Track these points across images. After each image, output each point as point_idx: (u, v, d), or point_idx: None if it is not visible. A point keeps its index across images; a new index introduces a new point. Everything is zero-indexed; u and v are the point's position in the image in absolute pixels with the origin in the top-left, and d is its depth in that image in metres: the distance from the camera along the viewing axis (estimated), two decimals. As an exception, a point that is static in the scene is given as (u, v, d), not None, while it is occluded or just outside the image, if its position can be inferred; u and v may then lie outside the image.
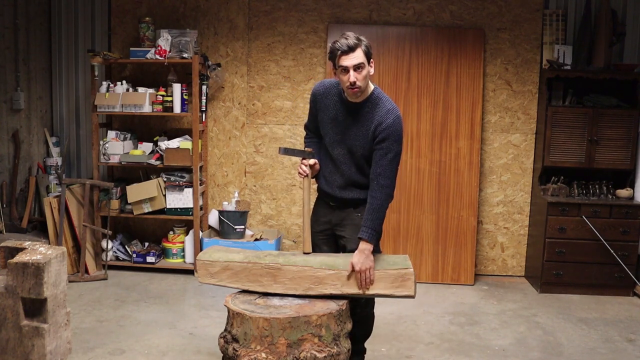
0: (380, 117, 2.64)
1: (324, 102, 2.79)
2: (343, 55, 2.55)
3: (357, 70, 2.57)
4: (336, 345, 2.49)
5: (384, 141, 2.62)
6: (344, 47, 2.54)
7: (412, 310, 4.11)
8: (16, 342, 1.66)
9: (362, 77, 2.58)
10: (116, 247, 4.90)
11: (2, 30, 4.67)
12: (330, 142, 2.81)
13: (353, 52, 2.54)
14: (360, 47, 2.56)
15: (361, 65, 2.56)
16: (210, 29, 5.02)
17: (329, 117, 2.78)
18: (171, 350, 3.36)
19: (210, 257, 2.76)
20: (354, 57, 2.55)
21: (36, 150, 5.14)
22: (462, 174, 4.76)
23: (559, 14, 4.78)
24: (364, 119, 2.68)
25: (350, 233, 2.83)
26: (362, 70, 2.57)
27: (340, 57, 2.56)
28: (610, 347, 3.62)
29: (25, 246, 1.77)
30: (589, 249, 4.52)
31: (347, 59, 2.55)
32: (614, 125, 4.56)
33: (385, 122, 2.62)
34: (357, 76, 2.57)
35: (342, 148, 2.77)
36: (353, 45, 2.54)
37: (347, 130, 2.73)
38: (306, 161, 2.80)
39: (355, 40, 2.55)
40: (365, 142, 2.68)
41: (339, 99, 2.75)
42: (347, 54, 2.55)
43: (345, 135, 2.74)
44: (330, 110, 2.77)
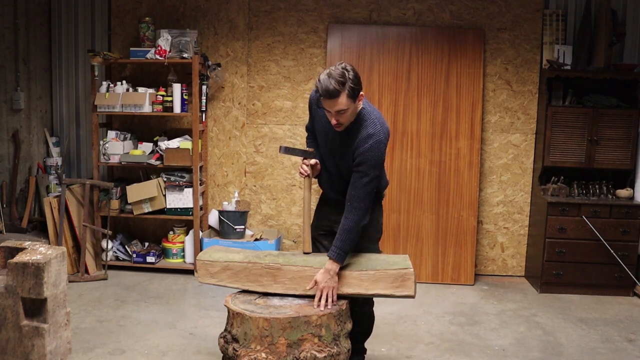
0: (360, 141, 2.57)
1: (319, 113, 2.77)
2: (324, 99, 2.49)
3: (340, 113, 2.51)
4: (336, 345, 2.49)
5: (360, 165, 2.57)
6: (324, 93, 2.45)
7: (412, 310, 4.11)
8: (16, 342, 1.66)
9: (346, 118, 2.54)
10: (116, 247, 4.90)
11: (2, 30, 4.67)
12: (323, 153, 2.82)
13: (334, 98, 2.45)
14: (343, 93, 2.44)
15: (344, 110, 2.49)
16: (210, 29, 5.02)
17: (321, 129, 2.77)
18: (171, 350, 3.36)
19: (210, 257, 2.76)
20: (335, 103, 2.47)
21: (36, 150, 5.14)
22: (462, 174, 4.76)
23: (559, 14, 4.78)
24: (349, 139, 2.64)
25: None
26: (345, 112, 2.51)
27: (322, 101, 2.51)
28: (610, 347, 3.62)
29: (25, 246, 1.77)
30: (589, 249, 4.51)
31: (328, 105, 2.50)
32: (614, 125, 4.56)
33: (362, 147, 2.56)
34: (339, 118, 2.52)
35: (332, 162, 2.78)
36: (333, 91, 2.43)
37: (335, 147, 2.72)
38: (307, 161, 2.80)
39: (337, 85, 2.43)
40: (349, 163, 2.66)
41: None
42: (328, 100, 2.47)
43: (334, 151, 2.74)
44: (323, 123, 2.74)
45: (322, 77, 2.46)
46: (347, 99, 2.46)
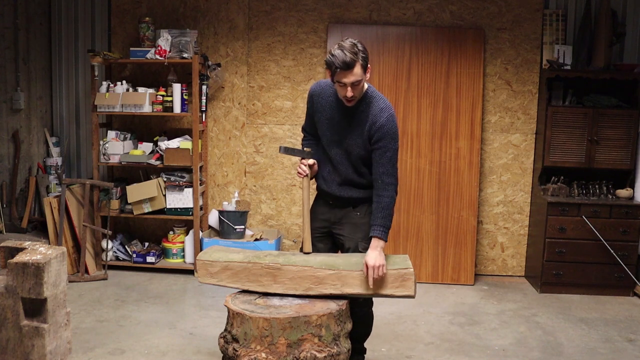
0: (374, 116, 2.65)
1: (321, 103, 2.79)
2: (341, 72, 2.52)
3: (354, 85, 2.57)
4: (336, 345, 2.49)
5: (381, 140, 2.64)
6: (341, 64, 2.50)
7: (412, 310, 4.11)
8: (16, 342, 1.66)
9: (359, 89, 2.61)
10: (116, 247, 4.91)
11: (2, 30, 4.67)
12: (328, 142, 2.81)
13: (351, 69, 2.51)
14: (357, 62, 2.52)
15: (359, 81, 2.56)
16: (210, 29, 5.02)
17: (326, 118, 2.78)
18: (171, 350, 3.36)
19: (210, 257, 2.76)
20: (351, 74, 2.53)
21: (36, 150, 5.14)
22: (462, 174, 4.76)
23: (559, 14, 4.78)
24: (358, 118, 2.69)
25: (349, 232, 2.84)
26: (359, 84, 2.58)
27: (338, 74, 2.54)
28: (610, 347, 3.62)
29: (25, 246, 1.77)
30: (589, 249, 4.52)
31: (344, 77, 2.54)
32: (614, 125, 4.56)
33: (379, 122, 2.64)
34: (353, 90, 2.58)
35: (339, 148, 2.77)
36: (350, 62, 2.50)
37: (344, 131, 2.74)
38: (305, 161, 2.81)
39: (352, 55, 2.50)
40: (361, 142, 2.70)
41: (335, 99, 2.75)
42: (345, 72, 2.52)
43: (342, 135, 2.75)
44: (327, 111, 2.77)
45: (335, 51, 2.52)
46: (361, 69, 2.54)
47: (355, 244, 2.83)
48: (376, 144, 2.65)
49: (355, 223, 2.81)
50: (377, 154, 2.66)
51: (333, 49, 2.55)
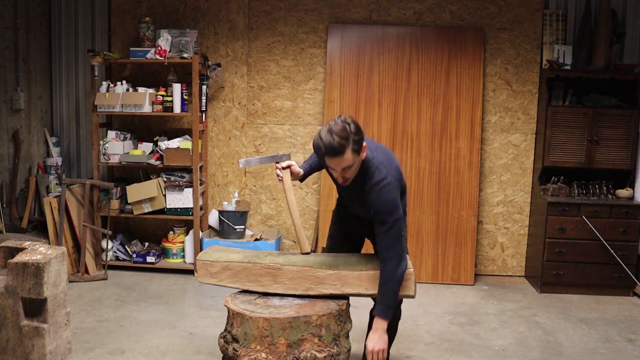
0: (368, 191, 2.49)
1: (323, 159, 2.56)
2: (328, 157, 2.36)
3: (346, 169, 2.41)
4: (336, 345, 2.49)
5: (377, 215, 2.49)
6: (329, 151, 2.33)
7: (412, 310, 4.11)
8: (16, 342, 1.66)
9: (352, 173, 2.45)
10: (116, 247, 4.91)
11: (2, 30, 4.67)
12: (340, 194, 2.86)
13: (340, 155, 2.33)
14: (347, 148, 2.32)
15: (350, 166, 2.40)
16: (210, 29, 5.02)
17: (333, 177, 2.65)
18: (171, 350, 3.36)
19: (210, 257, 2.76)
20: (341, 160, 2.35)
21: (36, 150, 5.14)
22: (462, 174, 4.76)
23: (559, 14, 4.78)
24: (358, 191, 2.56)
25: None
26: (351, 167, 2.41)
27: (326, 158, 2.38)
28: (610, 347, 3.62)
29: (25, 246, 1.77)
30: (589, 249, 4.51)
31: (333, 163, 2.38)
32: (614, 125, 4.56)
33: (371, 196, 2.47)
34: (345, 174, 2.43)
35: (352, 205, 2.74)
36: (339, 148, 2.31)
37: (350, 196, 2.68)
38: (279, 164, 2.79)
39: (341, 141, 2.30)
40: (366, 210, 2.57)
41: None
42: (333, 158, 2.35)
43: (350, 201, 2.72)
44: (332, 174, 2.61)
45: (323, 135, 2.34)
46: (352, 153, 2.35)
47: None
48: (374, 217, 2.50)
49: None
50: (376, 226, 2.51)
51: (322, 131, 2.36)
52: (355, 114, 4.80)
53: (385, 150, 2.68)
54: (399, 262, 2.49)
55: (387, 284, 2.50)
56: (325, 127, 2.38)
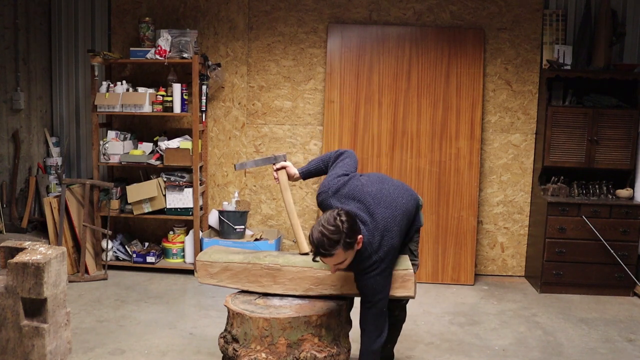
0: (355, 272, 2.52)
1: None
2: (320, 256, 2.37)
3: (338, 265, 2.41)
4: (336, 345, 2.49)
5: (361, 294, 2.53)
6: (320, 253, 2.33)
7: (412, 310, 4.10)
8: (16, 342, 1.66)
9: (345, 265, 2.43)
10: (116, 247, 4.91)
11: (2, 30, 4.67)
12: None
13: (331, 256, 2.34)
14: (339, 247, 2.31)
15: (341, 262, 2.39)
16: (210, 29, 5.02)
17: None
18: (171, 350, 3.36)
19: (210, 258, 2.76)
20: (331, 259, 2.36)
21: (36, 150, 5.14)
22: (462, 174, 4.76)
23: (559, 14, 4.78)
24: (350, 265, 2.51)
25: None
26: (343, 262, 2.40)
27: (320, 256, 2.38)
28: (610, 347, 3.62)
29: (25, 246, 1.77)
30: (589, 249, 4.51)
31: (326, 260, 2.39)
32: (614, 125, 4.56)
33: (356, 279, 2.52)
34: (338, 267, 2.43)
35: None
36: (329, 252, 2.31)
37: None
38: (275, 166, 2.80)
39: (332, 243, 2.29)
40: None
41: None
42: (324, 257, 2.36)
43: None
44: None
45: (315, 235, 2.33)
46: (344, 252, 2.34)
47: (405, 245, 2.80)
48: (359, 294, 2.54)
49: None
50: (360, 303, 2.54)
51: (315, 228, 2.34)
52: (355, 114, 4.80)
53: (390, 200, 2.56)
54: (377, 336, 2.51)
55: (365, 355, 2.53)
56: (318, 224, 2.35)
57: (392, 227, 2.48)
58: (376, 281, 2.46)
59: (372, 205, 2.50)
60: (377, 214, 2.48)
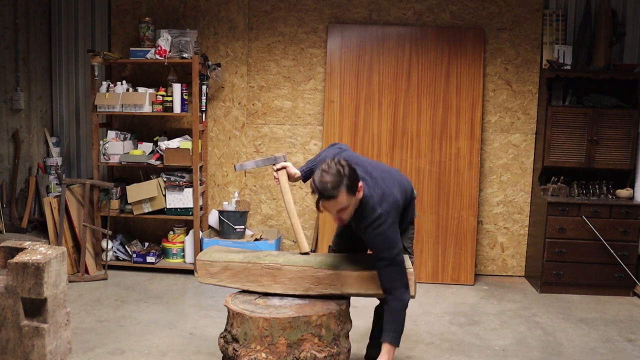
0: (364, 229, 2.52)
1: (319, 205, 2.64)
2: (323, 200, 2.39)
3: (341, 211, 2.43)
4: (336, 345, 2.49)
5: (375, 252, 2.55)
6: (324, 194, 2.35)
7: (412, 310, 4.09)
8: (16, 342, 1.66)
9: (348, 213, 2.46)
10: (116, 247, 4.90)
11: (2, 30, 4.67)
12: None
13: (334, 199, 2.37)
14: (341, 192, 2.35)
15: (345, 207, 2.41)
16: (210, 29, 5.02)
17: None
18: (171, 350, 3.36)
19: (210, 257, 2.76)
20: (335, 203, 2.38)
21: (36, 150, 5.14)
22: (462, 174, 4.76)
23: (559, 14, 4.78)
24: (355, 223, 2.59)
25: None
26: (347, 209, 2.43)
27: (322, 202, 2.40)
28: (610, 347, 3.62)
29: (25, 246, 1.77)
30: (589, 249, 4.51)
31: (328, 206, 2.41)
32: (614, 125, 4.56)
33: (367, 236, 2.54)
34: (341, 215, 2.45)
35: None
36: (332, 193, 2.34)
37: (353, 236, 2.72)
38: (275, 166, 2.80)
39: (334, 185, 2.33)
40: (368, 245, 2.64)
41: None
42: (328, 201, 2.38)
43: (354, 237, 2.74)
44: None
45: (316, 179, 2.37)
46: (347, 196, 2.38)
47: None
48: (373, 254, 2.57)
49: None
50: (376, 263, 2.54)
51: (316, 174, 2.39)
52: (355, 114, 4.80)
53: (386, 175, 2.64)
54: (403, 292, 2.53)
55: (397, 312, 2.53)
56: (318, 170, 2.39)
57: (391, 187, 2.57)
58: (387, 236, 2.48)
59: (369, 168, 2.60)
60: (375, 175, 2.57)
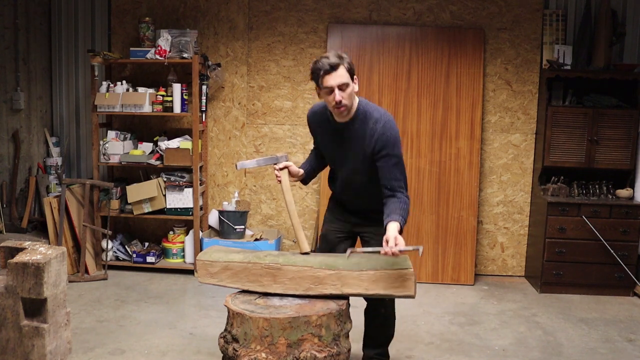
0: (370, 129, 2.62)
1: (317, 130, 2.82)
2: (326, 75, 2.50)
3: (342, 89, 2.53)
4: (336, 345, 2.49)
5: (382, 149, 2.60)
6: (326, 66, 2.49)
7: (412, 310, 4.11)
8: (16, 342, 1.66)
9: (348, 95, 2.55)
10: (116, 247, 4.91)
11: (2, 30, 4.67)
12: (333, 163, 2.85)
13: (336, 71, 2.50)
14: (342, 65, 2.51)
15: (345, 84, 2.53)
16: (210, 29, 5.02)
17: (325, 142, 2.81)
18: (171, 350, 3.36)
19: (210, 257, 2.76)
20: (337, 76, 2.50)
21: (36, 150, 5.14)
22: (462, 174, 4.76)
23: (559, 14, 4.78)
24: (356, 136, 2.66)
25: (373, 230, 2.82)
26: (346, 88, 2.54)
27: (324, 77, 2.51)
28: (610, 347, 3.62)
29: (25, 246, 1.77)
30: (589, 249, 4.51)
31: (330, 79, 2.51)
32: (614, 125, 4.56)
33: (376, 133, 2.60)
34: (342, 95, 2.53)
35: (347, 169, 2.77)
36: (335, 64, 2.49)
37: (346, 153, 2.73)
38: (277, 165, 2.81)
39: (336, 59, 2.51)
40: (365, 158, 2.66)
41: (328, 123, 2.74)
42: (330, 74, 2.50)
43: (344, 157, 2.75)
44: (325, 136, 2.79)
45: (318, 58, 2.55)
46: (347, 72, 2.52)
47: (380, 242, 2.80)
48: (378, 153, 2.61)
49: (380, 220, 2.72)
50: (381, 162, 2.61)
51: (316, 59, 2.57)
52: (355, 114, 4.80)
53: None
54: (406, 192, 2.64)
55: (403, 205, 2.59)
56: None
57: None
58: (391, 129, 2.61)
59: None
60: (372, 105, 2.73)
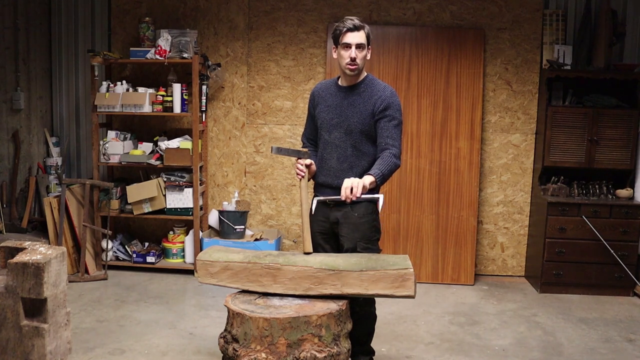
0: (379, 92, 2.81)
1: (322, 96, 2.95)
2: (348, 32, 2.76)
3: (359, 49, 2.76)
4: (336, 345, 2.49)
5: (387, 109, 2.77)
6: (350, 25, 2.75)
7: (412, 310, 4.11)
8: (16, 342, 1.66)
9: (362, 56, 2.78)
10: (116, 247, 4.91)
11: (2, 30, 4.67)
12: (328, 126, 2.90)
13: (358, 31, 2.76)
14: (364, 30, 2.78)
15: (363, 45, 2.77)
16: (210, 29, 5.02)
17: (327, 105, 2.91)
18: (171, 350, 3.36)
19: (210, 257, 2.76)
20: (357, 36, 2.76)
21: (36, 150, 5.14)
22: (462, 174, 4.76)
23: (559, 14, 4.78)
24: (361, 98, 2.83)
25: (348, 232, 2.86)
26: (362, 50, 2.77)
27: (345, 34, 2.77)
28: (610, 347, 3.62)
29: (25, 246, 1.77)
30: (589, 249, 4.52)
31: (351, 36, 2.76)
32: (614, 125, 4.56)
33: (384, 95, 2.80)
34: (357, 54, 2.75)
35: (340, 130, 2.85)
36: (359, 25, 2.76)
37: (345, 111, 2.85)
38: (302, 161, 2.81)
39: (359, 22, 2.78)
40: (364, 118, 2.81)
41: (336, 87, 2.91)
42: (352, 32, 2.76)
43: (343, 115, 2.85)
44: (328, 99, 2.91)
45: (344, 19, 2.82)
46: (366, 37, 2.78)
47: (354, 244, 2.84)
48: (382, 112, 2.77)
49: (354, 223, 2.83)
50: (382, 122, 2.77)
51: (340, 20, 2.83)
52: (355, 114, 4.80)
53: None
54: (399, 153, 2.77)
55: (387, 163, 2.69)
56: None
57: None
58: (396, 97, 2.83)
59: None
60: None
